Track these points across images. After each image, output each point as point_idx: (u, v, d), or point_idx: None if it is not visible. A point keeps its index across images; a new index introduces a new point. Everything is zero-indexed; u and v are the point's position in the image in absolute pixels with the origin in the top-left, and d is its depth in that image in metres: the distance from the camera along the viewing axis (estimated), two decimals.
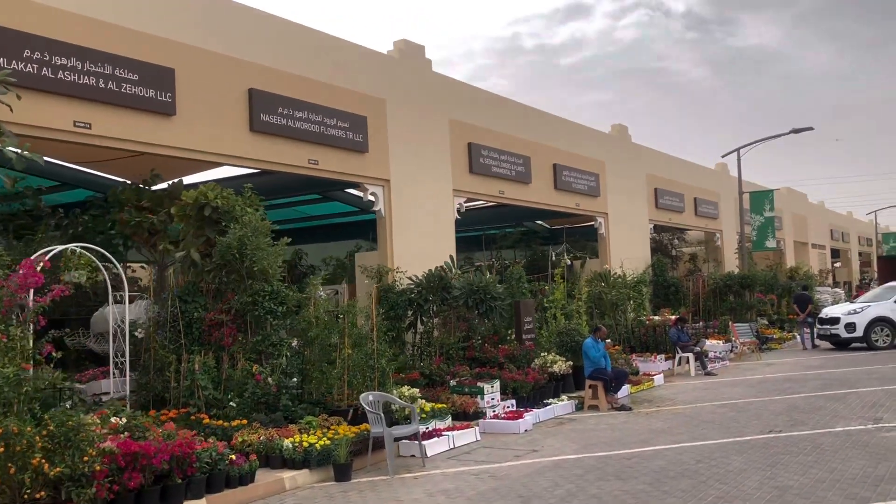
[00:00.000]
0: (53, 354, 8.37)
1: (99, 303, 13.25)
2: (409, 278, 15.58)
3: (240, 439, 9.66)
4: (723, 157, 30.55)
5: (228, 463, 8.48)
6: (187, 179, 18.56)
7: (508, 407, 12.96)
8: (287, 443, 9.41)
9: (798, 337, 25.36)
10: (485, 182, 18.95)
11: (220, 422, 10.10)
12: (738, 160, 29.01)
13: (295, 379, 10.79)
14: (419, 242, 16.58)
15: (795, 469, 8.63)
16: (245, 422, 10.02)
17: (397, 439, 10.16)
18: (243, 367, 10.72)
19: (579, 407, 14.01)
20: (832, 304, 30.31)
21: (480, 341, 15.48)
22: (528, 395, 13.65)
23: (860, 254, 61.74)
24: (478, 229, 31.20)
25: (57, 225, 14.46)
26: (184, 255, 11.83)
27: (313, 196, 22.56)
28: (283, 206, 24.24)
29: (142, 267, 17.18)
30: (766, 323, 27.83)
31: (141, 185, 14.13)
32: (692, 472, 8.76)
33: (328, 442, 9.50)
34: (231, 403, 10.31)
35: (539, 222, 30.94)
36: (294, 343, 11.05)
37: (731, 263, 32.39)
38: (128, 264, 17.77)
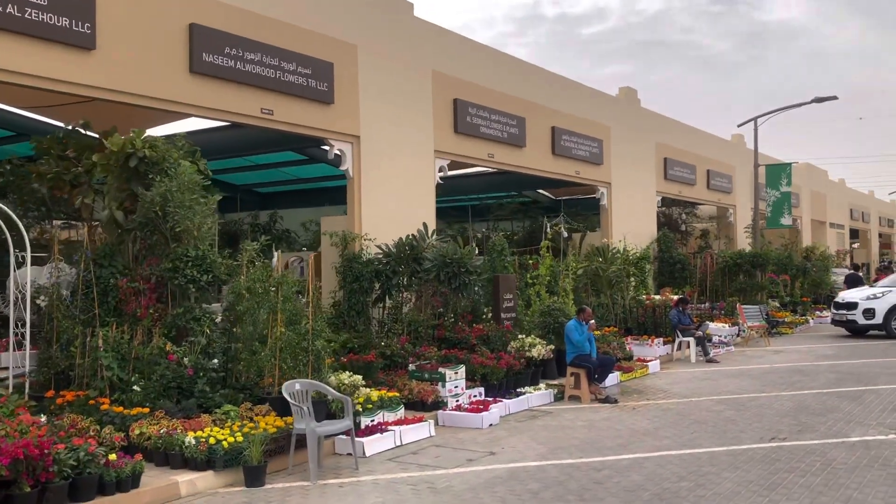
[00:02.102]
0: None
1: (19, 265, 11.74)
2: (379, 247, 13.97)
3: (137, 431, 8.15)
4: (739, 126, 28.55)
5: (105, 464, 6.94)
6: (152, 131, 17.09)
7: (475, 396, 11.39)
8: (190, 438, 7.87)
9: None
10: (472, 143, 17.20)
11: (121, 409, 8.59)
12: (755, 130, 27.04)
13: (216, 360, 9.22)
14: (393, 208, 14.92)
15: (800, 496, 6.99)
16: (147, 410, 8.50)
17: (328, 437, 8.62)
18: (155, 345, 9.17)
19: (559, 397, 12.41)
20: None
21: (453, 319, 13.85)
22: (501, 383, 12.06)
23: (880, 235, 59.43)
24: (474, 198, 29.51)
25: None
26: (107, 213, 10.27)
27: (300, 157, 20.99)
28: (267, 166, 22.70)
29: None
30: (778, 305, 26.06)
31: (78, 130, 12.54)
32: (671, 494, 7.15)
33: (241, 438, 7.96)
34: (135, 387, 8.77)
35: (541, 191, 29.19)
36: (219, 319, 9.46)
37: (745, 241, 30.56)
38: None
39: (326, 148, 14.25)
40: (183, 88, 11.39)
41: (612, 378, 13.74)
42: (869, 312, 20.94)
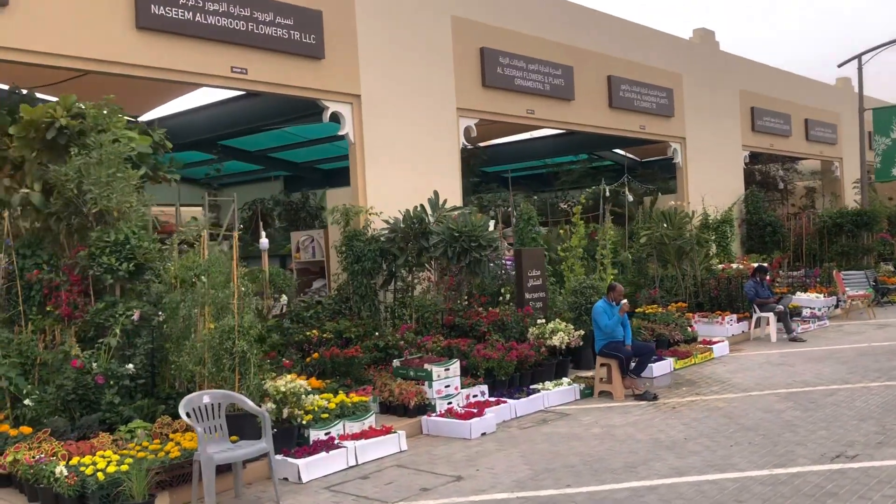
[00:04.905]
0: None
1: None
2: (386, 221, 12.17)
3: (10, 457, 6.71)
4: (839, 66, 24.90)
5: None
6: (169, 107, 15.83)
7: (475, 396, 9.46)
8: (60, 468, 6.35)
9: None
10: (505, 98, 15.05)
11: (6, 427, 7.20)
12: (860, 69, 23.52)
13: (131, 365, 7.67)
14: (407, 176, 13.04)
15: None
16: (30, 430, 7.05)
17: (248, 461, 6.93)
18: (62, 349, 7.73)
19: (587, 393, 10.32)
20: None
21: (466, 302, 11.91)
22: (512, 379, 10.07)
23: None
24: (540, 164, 27.24)
25: None
26: (21, 195, 8.90)
27: None
28: (318, 141, 21.09)
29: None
30: (892, 270, 22.66)
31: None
32: None
33: (126, 467, 6.38)
34: (26, 401, 7.35)
35: (618, 152, 26.61)
36: (135, 316, 7.89)
37: (854, 197, 26.98)
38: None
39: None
40: (128, 46, 9.87)
41: (664, 366, 11.53)
42: None
